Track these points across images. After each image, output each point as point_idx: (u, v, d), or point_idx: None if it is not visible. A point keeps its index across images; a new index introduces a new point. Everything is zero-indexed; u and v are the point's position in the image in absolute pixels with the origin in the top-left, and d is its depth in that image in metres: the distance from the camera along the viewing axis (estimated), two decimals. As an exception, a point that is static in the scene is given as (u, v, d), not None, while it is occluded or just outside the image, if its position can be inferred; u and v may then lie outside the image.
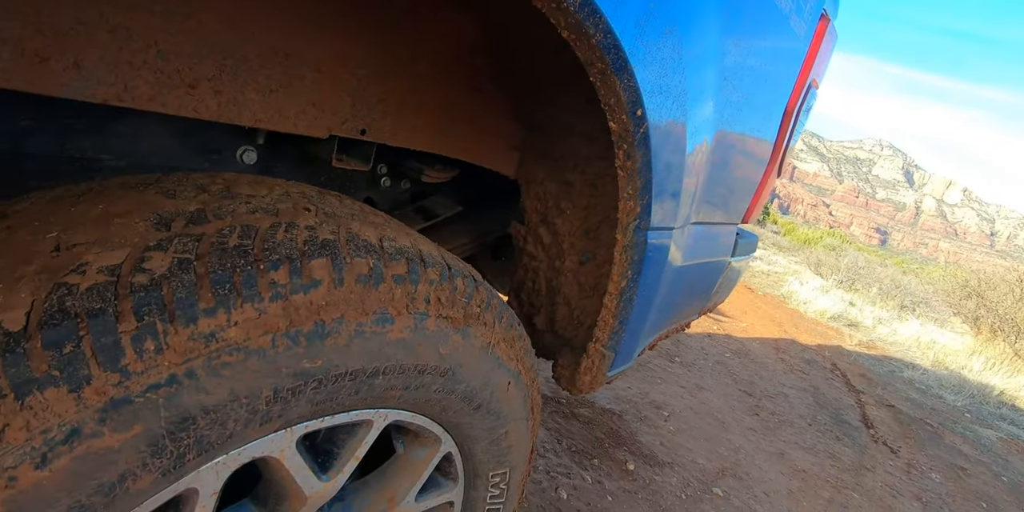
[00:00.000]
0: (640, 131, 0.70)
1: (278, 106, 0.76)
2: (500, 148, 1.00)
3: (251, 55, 0.70)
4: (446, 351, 0.61)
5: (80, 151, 0.71)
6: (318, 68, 0.76)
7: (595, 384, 1.00)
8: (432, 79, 0.87)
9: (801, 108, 1.32)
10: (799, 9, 1.06)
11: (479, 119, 0.97)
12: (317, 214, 0.55)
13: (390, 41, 0.80)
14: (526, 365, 0.79)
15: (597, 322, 0.95)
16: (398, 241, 0.58)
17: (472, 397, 0.69)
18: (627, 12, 0.57)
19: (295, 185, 0.63)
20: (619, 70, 0.61)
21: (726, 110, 0.96)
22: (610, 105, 0.66)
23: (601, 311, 0.94)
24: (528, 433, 0.84)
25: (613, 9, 0.55)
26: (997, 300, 8.81)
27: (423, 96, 0.88)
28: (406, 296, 0.55)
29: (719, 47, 0.83)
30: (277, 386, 0.45)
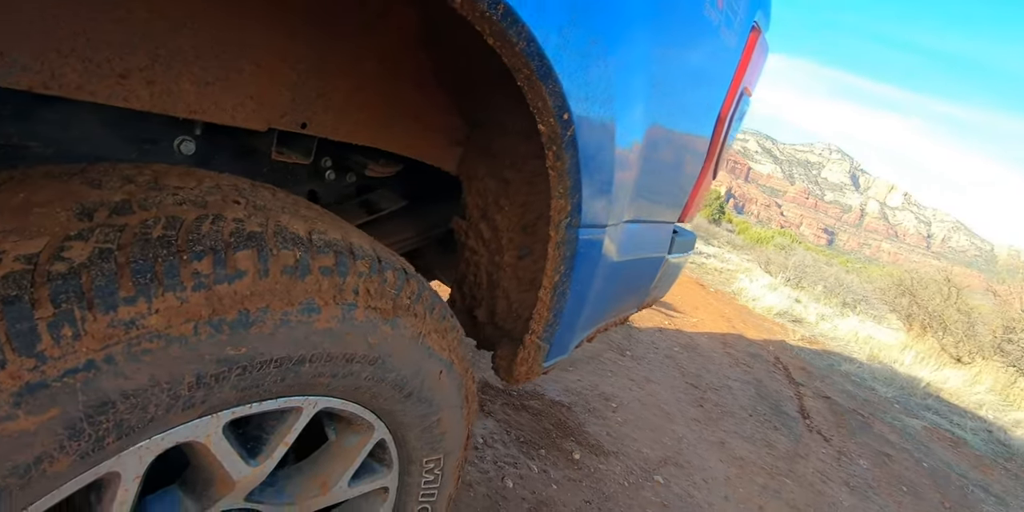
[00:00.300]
0: (568, 134, 0.74)
1: (215, 98, 0.76)
2: (443, 144, 1.03)
3: (185, 46, 0.70)
4: (375, 341, 0.64)
5: (5, 138, 0.70)
6: (256, 62, 0.77)
7: (531, 374, 1.04)
8: (376, 75, 0.89)
9: (734, 114, 1.40)
10: (729, 22, 1.12)
11: (423, 115, 1.00)
12: (246, 207, 0.57)
13: (333, 36, 0.81)
14: (459, 355, 0.82)
15: (533, 315, 0.99)
16: (328, 234, 0.61)
17: (403, 385, 0.72)
18: (550, 21, 0.61)
19: (227, 178, 0.64)
20: (544, 76, 0.64)
21: (658, 115, 1.01)
22: (538, 108, 0.70)
23: (536, 304, 0.98)
24: (463, 420, 0.88)
25: (536, 19, 0.58)
26: (928, 298, 9.38)
27: (367, 91, 0.90)
28: (334, 287, 0.57)
29: (648, 56, 0.88)
30: (200, 372, 0.47)
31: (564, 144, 0.75)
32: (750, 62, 1.31)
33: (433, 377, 0.75)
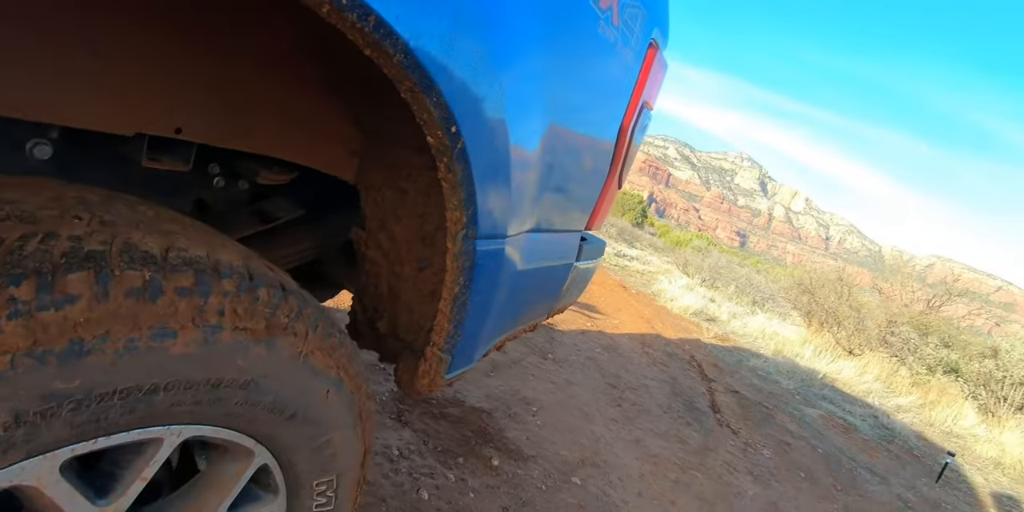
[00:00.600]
0: (458, 146, 0.74)
1: (71, 100, 0.70)
2: (340, 153, 1.00)
3: (31, 44, 0.64)
4: (246, 363, 0.60)
5: None
6: (120, 63, 0.71)
7: (433, 386, 1.03)
8: (260, 81, 0.85)
9: (636, 127, 1.45)
10: (626, 39, 1.17)
11: (317, 124, 0.96)
12: (90, 223, 0.52)
13: (208, 39, 0.76)
14: (350, 372, 0.80)
15: (433, 327, 0.98)
16: (190, 251, 0.57)
17: (284, 407, 0.68)
18: (429, 34, 0.60)
19: (74, 189, 0.59)
20: (426, 89, 0.64)
21: (557, 127, 1.03)
22: (424, 120, 0.69)
23: (437, 316, 0.97)
24: (357, 439, 0.85)
25: (412, 31, 0.57)
26: (824, 296, 10.21)
27: (251, 97, 0.85)
28: (193, 309, 0.54)
29: (543, 72, 0.89)
30: (18, 410, 0.42)
31: (454, 156, 0.75)
32: (649, 77, 1.37)
33: (319, 397, 0.72)
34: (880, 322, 10.06)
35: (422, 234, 0.98)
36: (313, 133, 0.97)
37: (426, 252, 1.00)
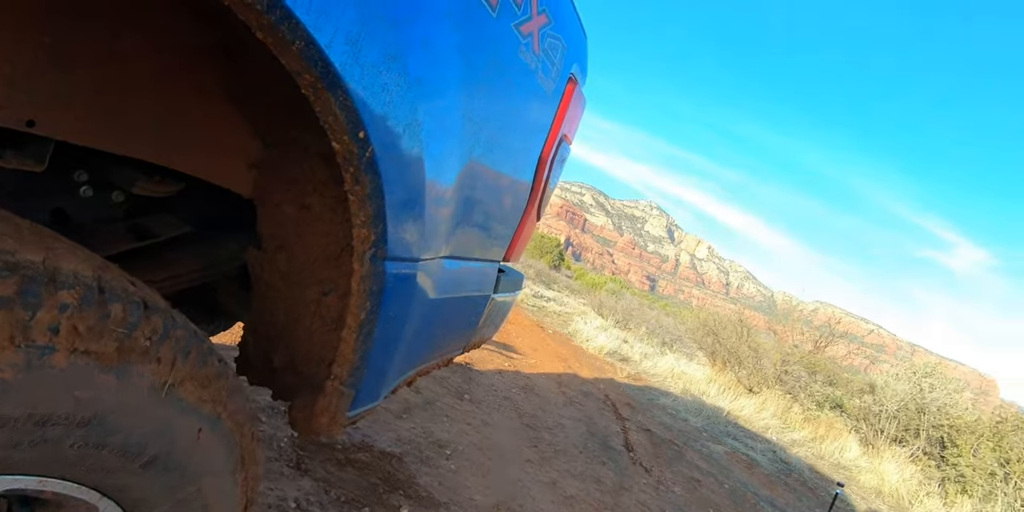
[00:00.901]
0: (366, 155, 0.68)
1: None
2: (235, 164, 0.91)
3: None
4: (87, 394, 0.49)
5: None
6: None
7: (333, 426, 0.92)
8: (142, 76, 0.76)
9: (554, 158, 1.47)
10: (546, 69, 1.18)
11: (210, 129, 0.87)
12: None
13: (77, 22, 0.67)
14: (230, 408, 0.68)
15: (335, 358, 0.89)
16: (17, 254, 0.46)
17: (139, 451, 0.56)
18: (333, 24, 0.55)
19: None
20: (332, 86, 0.58)
21: (475, 149, 1.00)
22: (329, 123, 0.63)
23: (340, 346, 0.88)
24: (236, 488, 0.73)
25: (314, 17, 0.52)
26: (727, 337, 10.82)
27: (129, 94, 0.76)
28: (12, 325, 0.43)
29: (461, 86, 0.87)
30: None
31: (362, 166, 0.69)
32: (568, 110, 1.40)
33: (187, 437, 0.61)
34: (775, 361, 10.76)
35: (326, 255, 0.90)
36: (204, 140, 0.88)
37: (330, 275, 0.91)
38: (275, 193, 0.90)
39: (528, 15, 1.02)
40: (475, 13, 0.85)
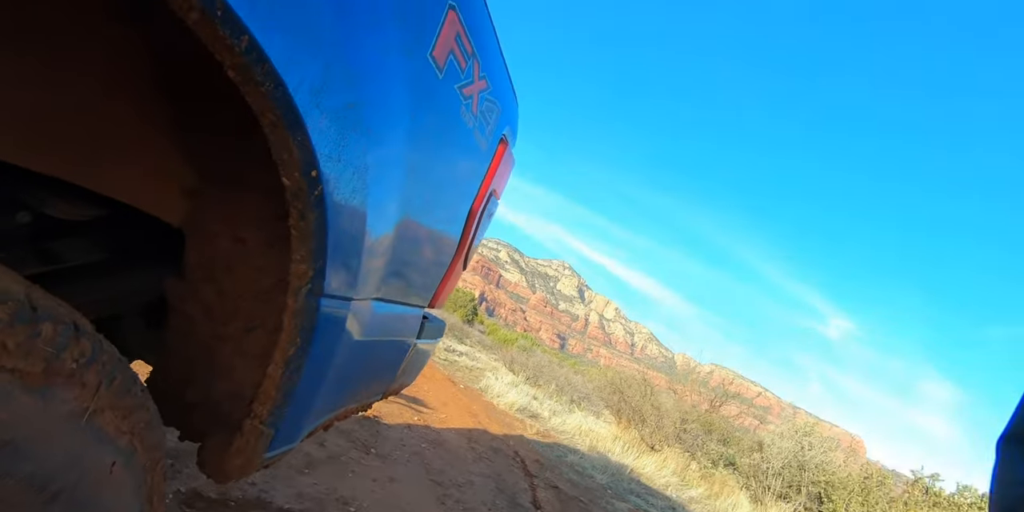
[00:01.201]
0: (315, 193, 0.72)
1: None
2: (167, 191, 0.89)
3: None
4: (5, 416, 0.46)
5: None
6: None
7: (247, 468, 0.87)
8: (76, 88, 0.75)
9: (484, 212, 1.55)
10: (482, 128, 1.28)
11: (145, 152, 0.86)
12: None
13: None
14: (147, 442, 0.65)
15: (257, 395, 0.86)
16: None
17: (46, 483, 0.52)
18: (302, 71, 0.60)
19: None
20: (292, 126, 0.62)
21: (413, 198, 1.06)
22: (283, 160, 0.67)
23: (264, 382, 0.86)
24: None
25: (285, 62, 0.57)
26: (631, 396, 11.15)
27: (57, 106, 0.75)
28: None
29: (407, 137, 0.93)
30: None
31: (310, 203, 0.72)
32: (498, 168, 1.50)
33: (99, 471, 0.57)
34: (675, 420, 11.16)
35: (256, 290, 0.89)
36: (138, 163, 0.87)
37: (258, 311, 0.90)
38: (208, 224, 0.89)
39: (470, 79, 1.12)
40: (425, 73, 0.93)
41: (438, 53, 0.93)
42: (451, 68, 1.01)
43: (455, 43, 0.99)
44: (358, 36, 0.70)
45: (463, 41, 1.02)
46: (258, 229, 0.87)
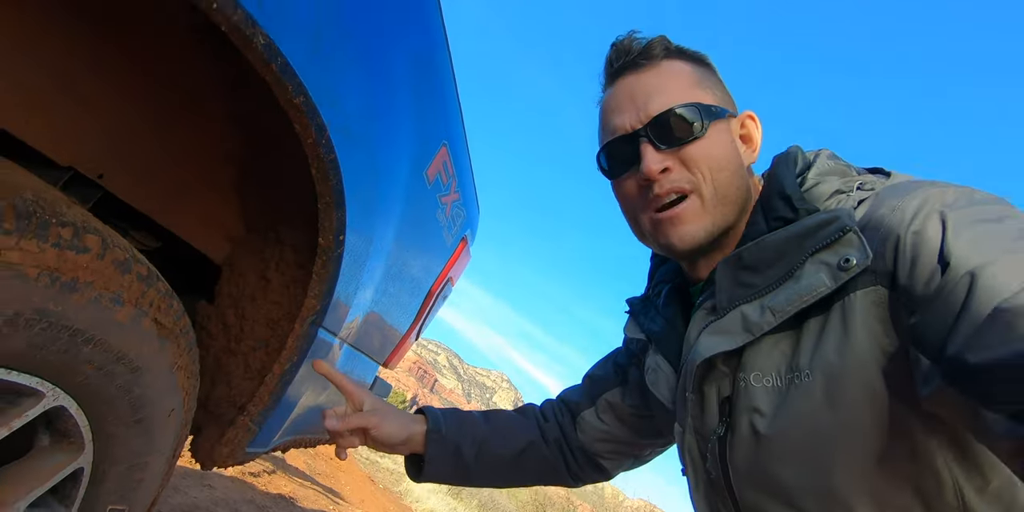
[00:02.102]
0: (338, 251, 1.07)
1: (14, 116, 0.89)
2: (217, 236, 1.23)
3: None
4: (148, 351, 0.76)
5: None
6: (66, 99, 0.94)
7: (232, 457, 1.10)
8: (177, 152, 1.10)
9: (440, 293, 1.92)
10: (449, 227, 1.70)
11: (212, 208, 1.20)
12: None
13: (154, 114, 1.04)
14: (190, 403, 0.92)
15: (251, 399, 1.12)
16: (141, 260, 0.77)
17: (139, 408, 0.79)
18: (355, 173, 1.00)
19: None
20: (338, 206, 1.00)
21: (391, 269, 1.42)
22: (324, 227, 1.03)
23: (260, 388, 1.13)
24: (162, 475, 0.91)
25: (350, 175, 0.96)
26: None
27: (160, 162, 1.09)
28: (139, 291, 0.73)
29: (398, 225, 1.32)
30: (26, 312, 0.58)
31: (333, 257, 1.07)
32: (457, 260, 1.90)
33: (164, 412, 0.84)
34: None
35: (269, 318, 1.19)
36: (201, 212, 1.20)
37: (265, 334, 1.19)
38: (243, 264, 1.22)
39: (448, 192, 1.56)
40: (419, 183, 1.35)
41: (430, 171, 1.37)
42: (436, 182, 1.44)
43: (442, 166, 1.43)
44: (389, 159, 1.12)
45: (448, 165, 1.47)
46: (281, 273, 1.20)
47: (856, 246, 0.64)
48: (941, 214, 0.60)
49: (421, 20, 1.08)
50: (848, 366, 0.62)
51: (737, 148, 0.87)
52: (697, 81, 0.87)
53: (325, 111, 0.81)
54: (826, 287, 0.65)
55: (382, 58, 0.92)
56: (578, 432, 1.20)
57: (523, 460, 1.18)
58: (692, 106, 0.81)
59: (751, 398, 0.70)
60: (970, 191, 0.63)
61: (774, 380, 0.67)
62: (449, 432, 1.14)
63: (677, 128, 0.81)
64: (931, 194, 0.63)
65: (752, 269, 0.73)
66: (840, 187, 0.75)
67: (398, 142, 1.16)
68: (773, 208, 0.76)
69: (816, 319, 0.67)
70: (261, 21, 0.63)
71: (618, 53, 0.90)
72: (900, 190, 0.68)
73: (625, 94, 0.88)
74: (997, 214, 0.58)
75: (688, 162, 0.81)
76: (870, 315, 0.62)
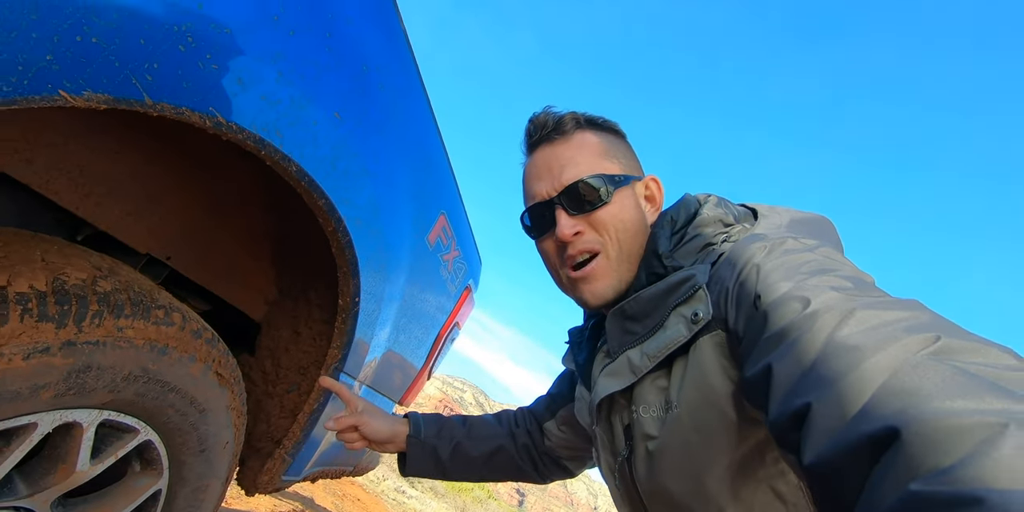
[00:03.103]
0: (355, 310, 1.32)
1: (129, 227, 1.17)
2: (257, 300, 1.49)
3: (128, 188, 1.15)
4: (211, 395, 1.00)
5: None
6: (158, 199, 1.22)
7: (271, 484, 1.33)
8: (240, 247, 1.39)
9: (447, 337, 2.15)
10: (452, 280, 1.95)
11: (255, 278, 1.47)
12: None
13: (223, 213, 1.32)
14: (240, 437, 1.16)
15: (286, 434, 1.36)
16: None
17: (204, 440, 1.03)
18: (368, 252, 1.25)
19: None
20: (354, 275, 1.25)
21: (400, 320, 1.66)
22: (343, 291, 1.28)
23: (292, 426, 1.36)
24: (218, 497, 1.14)
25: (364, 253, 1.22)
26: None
27: (228, 250, 1.37)
28: (205, 349, 0.98)
29: (406, 283, 1.57)
30: (137, 371, 0.83)
31: (351, 315, 1.32)
32: (462, 307, 2.14)
33: (222, 444, 1.08)
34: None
35: (300, 365, 1.44)
36: (249, 283, 1.47)
37: (298, 379, 1.43)
38: (279, 322, 1.47)
39: (448, 250, 1.81)
40: (421, 247, 1.61)
41: (431, 237, 1.63)
42: (437, 244, 1.70)
43: (441, 231, 1.69)
44: (395, 233, 1.38)
45: (447, 229, 1.73)
46: (309, 328, 1.45)
47: (704, 301, 0.76)
48: (758, 266, 0.71)
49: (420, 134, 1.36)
50: (703, 398, 0.75)
51: (641, 209, 0.97)
52: (604, 151, 0.97)
53: (341, 207, 1.07)
54: (683, 337, 0.78)
55: (384, 167, 1.19)
56: (544, 439, 1.40)
57: (494, 461, 1.38)
58: (599, 177, 0.92)
59: (643, 426, 0.83)
60: (786, 243, 0.75)
61: (658, 411, 0.82)
62: (428, 436, 1.34)
63: (586, 196, 0.91)
64: (754, 250, 0.75)
65: (633, 319, 0.86)
66: (710, 240, 0.86)
67: (401, 219, 1.42)
68: (650, 265, 0.88)
69: (681, 359, 0.80)
70: (295, 157, 0.90)
71: (536, 127, 1.01)
72: (739, 247, 0.79)
73: (542, 164, 0.98)
74: (802, 260, 0.69)
75: (597, 225, 0.92)
76: (717, 354, 0.75)
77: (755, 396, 0.64)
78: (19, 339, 0.65)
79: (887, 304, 0.56)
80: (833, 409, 0.49)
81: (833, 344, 0.54)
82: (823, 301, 0.59)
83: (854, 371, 0.50)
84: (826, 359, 0.53)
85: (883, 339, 0.51)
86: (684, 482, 0.79)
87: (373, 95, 1.07)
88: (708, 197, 0.96)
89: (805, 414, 0.52)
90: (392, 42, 1.12)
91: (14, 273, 0.67)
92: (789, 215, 0.91)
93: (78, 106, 0.57)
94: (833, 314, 0.57)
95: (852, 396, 0.48)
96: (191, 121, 0.69)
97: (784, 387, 0.56)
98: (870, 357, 0.50)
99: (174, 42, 0.64)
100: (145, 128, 1.07)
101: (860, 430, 0.45)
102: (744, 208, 0.96)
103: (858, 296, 0.59)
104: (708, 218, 0.90)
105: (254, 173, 1.30)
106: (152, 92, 0.64)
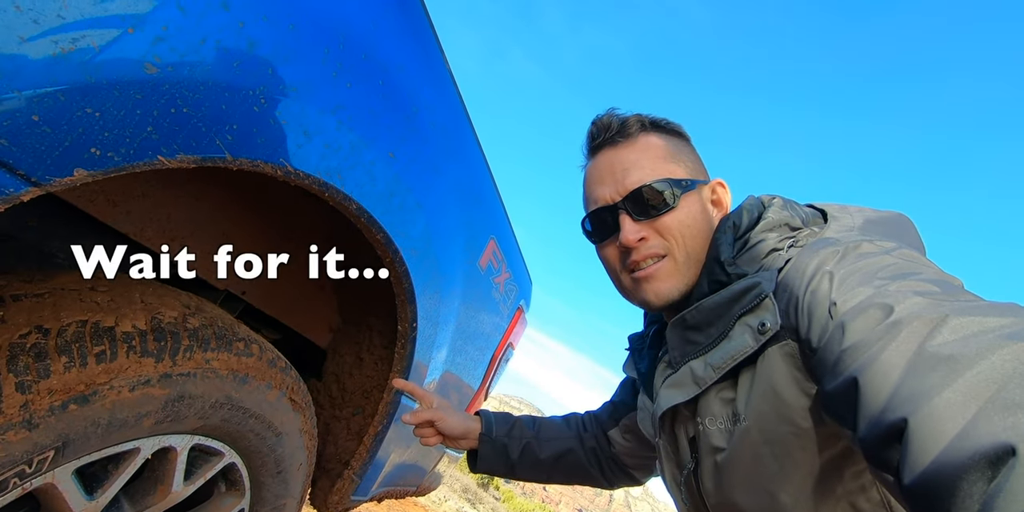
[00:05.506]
0: (413, 334, 1.38)
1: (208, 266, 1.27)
2: (322, 329, 1.58)
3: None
4: (285, 419, 1.08)
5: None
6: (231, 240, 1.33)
7: (341, 504, 1.39)
8: (308, 286, 1.48)
9: (503, 357, 2.19)
10: (504, 301, 1.99)
11: (321, 309, 1.57)
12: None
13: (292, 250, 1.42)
14: (312, 459, 1.22)
15: (355, 455, 1.42)
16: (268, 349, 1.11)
17: (280, 462, 1.11)
18: (423, 284, 1.31)
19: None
20: (411, 302, 1.31)
21: (457, 342, 1.71)
22: (401, 318, 1.34)
23: (359, 447, 1.42)
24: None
25: (419, 286, 1.28)
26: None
27: (296, 286, 1.47)
28: (279, 377, 1.05)
29: (460, 307, 1.63)
30: (222, 399, 0.91)
31: (411, 339, 1.38)
32: (515, 328, 2.18)
33: (296, 465, 1.15)
34: None
35: (363, 389, 1.51)
36: (315, 315, 1.57)
37: (363, 402, 1.50)
38: (343, 348, 1.56)
39: (500, 272, 1.86)
40: (474, 271, 1.66)
41: (483, 261, 1.68)
42: (489, 268, 1.75)
43: (492, 255, 1.74)
44: (448, 261, 1.44)
45: (497, 254, 1.78)
46: (371, 353, 1.53)
47: (771, 311, 0.73)
48: (831, 273, 0.68)
49: (468, 166, 1.42)
50: (774, 411, 0.72)
51: (708, 213, 0.93)
52: (670, 154, 0.93)
53: (398, 239, 1.14)
54: (750, 347, 0.74)
55: (436, 199, 1.25)
56: (610, 446, 1.38)
57: (561, 463, 1.37)
58: (665, 181, 0.88)
59: (709, 438, 0.81)
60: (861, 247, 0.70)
61: (725, 422, 0.80)
62: (499, 435, 1.36)
63: (651, 200, 0.88)
64: (826, 255, 0.71)
65: (695, 329, 0.83)
66: (776, 245, 0.82)
67: (453, 247, 1.48)
68: (712, 272, 0.84)
69: (747, 370, 0.77)
70: (355, 196, 0.97)
71: (599, 129, 0.97)
72: (809, 252, 0.75)
73: (605, 167, 0.94)
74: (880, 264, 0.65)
75: (662, 230, 0.89)
76: (788, 365, 0.71)
77: (838, 411, 0.61)
78: (126, 373, 0.74)
79: (983, 309, 0.52)
80: (934, 425, 0.45)
81: (926, 354, 0.50)
82: (908, 308, 0.56)
83: (953, 384, 0.46)
84: (919, 371, 0.50)
85: (983, 348, 0.47)
86: (755, 497, 0.77)
87: (424, 133, 1.14)
88: (773, 199, 0.91)
89: (901, 431, 0.49)
90: (438, 83, 1.19)
91: (120, 315, 0.76)
92: (863, 215, 0.85)
93: (172, 167, 0.65)
94: (922, 321, 0.53)
95: (954, 411, 0.45)
96: (264, 171, 0.77)
97: (874, 402, 0.53)
98: (970, 368, 0.46)
99: (250, 104, 0.72)
100: (221, 175, 1.18)
101: (969, 448, 0.42)
102: (812, 209, 0.91)
103: (948, 301, 0.55)
104: (773, 222, 0.85)
105: (317, 210, 1.39)
106: (232, 149, 0.72)
